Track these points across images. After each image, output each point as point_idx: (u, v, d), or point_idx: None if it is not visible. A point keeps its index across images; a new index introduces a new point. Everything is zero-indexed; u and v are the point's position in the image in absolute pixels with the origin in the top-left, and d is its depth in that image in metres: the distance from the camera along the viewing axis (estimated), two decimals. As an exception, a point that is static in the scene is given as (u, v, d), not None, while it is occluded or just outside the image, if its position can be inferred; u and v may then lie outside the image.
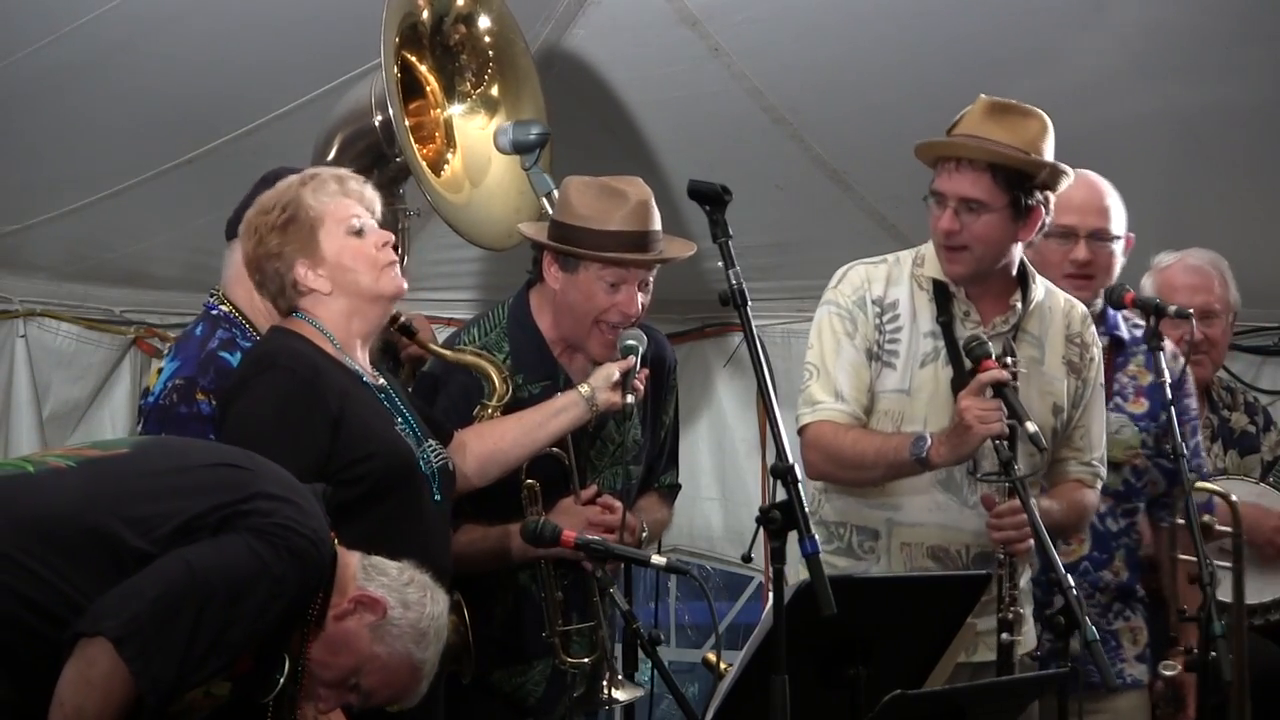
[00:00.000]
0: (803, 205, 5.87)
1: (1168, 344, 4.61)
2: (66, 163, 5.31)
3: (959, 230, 4.03)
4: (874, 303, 4.12)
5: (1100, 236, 4.52)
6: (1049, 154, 4.06)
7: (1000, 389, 3.82)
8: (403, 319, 4.11)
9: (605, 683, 4.10)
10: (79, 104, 5.08)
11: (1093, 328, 4.27)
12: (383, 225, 3.79)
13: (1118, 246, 4.56)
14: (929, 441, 3.91)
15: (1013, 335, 4.11)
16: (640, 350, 4.02)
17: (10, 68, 4.85)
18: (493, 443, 4.00)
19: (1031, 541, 3.87)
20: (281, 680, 3.24)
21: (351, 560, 3.29)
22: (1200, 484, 4.53)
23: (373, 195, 3.77)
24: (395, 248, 3.76)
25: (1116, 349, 4.55)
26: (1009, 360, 3.91)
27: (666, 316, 6.57)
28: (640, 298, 4.09)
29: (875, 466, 4.02)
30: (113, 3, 4.70)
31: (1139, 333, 4.50)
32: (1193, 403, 4.72)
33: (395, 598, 3.28)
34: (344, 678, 3.26)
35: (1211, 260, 5.01)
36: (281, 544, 3.13)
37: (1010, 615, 3.90)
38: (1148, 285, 4.96)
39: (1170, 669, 4.26)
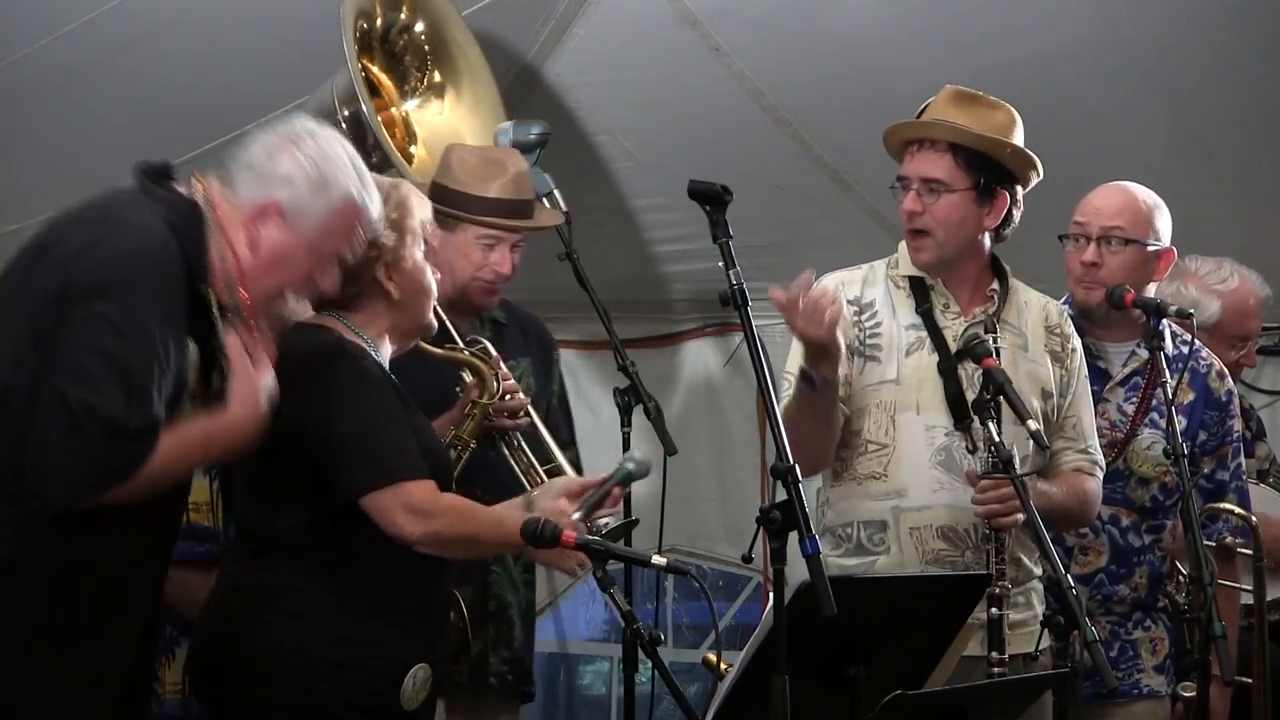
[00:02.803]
0: (803, 205, 5.87)
1: (1215, 362, 4.60)
2: (66, 163, 5.30)
3: (921, 212, 4.06)
4: (850, 303, 4.14)
5: (1112, 239, 4.40)
6: (1017, 144, 4.07)
7: (1003, 388, 3.83)
8: None
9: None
10: (79, 104, 5.08)
11: (1070, 322, 4.28)
12: None
13: (1136, 254, 4.41)
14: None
15: (993, 325, 4.12)
16: (626, 476, 3.77)
17: (10, 67, 4.86)
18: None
19: (1019, 515, 3.88)
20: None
21: (213, 195, 3.22)
22: (1221, 505, 4.52)
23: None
24: None
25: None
26: (991, 337, 3.94)
27: (666, 317, 6.58)
28: (512, 258, 4.40)
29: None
30: (113, 2, 4.70)
31: (1186, 349, 4.40)
32: (1237, 424, 4.64)
33: (278, 189, 3.20)
34: (303, 277, 3.24)
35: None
36: (119, 284, 3.10)
37: (998, 590, 3.88)
38: None
39: (1188, 690, 4.22)
